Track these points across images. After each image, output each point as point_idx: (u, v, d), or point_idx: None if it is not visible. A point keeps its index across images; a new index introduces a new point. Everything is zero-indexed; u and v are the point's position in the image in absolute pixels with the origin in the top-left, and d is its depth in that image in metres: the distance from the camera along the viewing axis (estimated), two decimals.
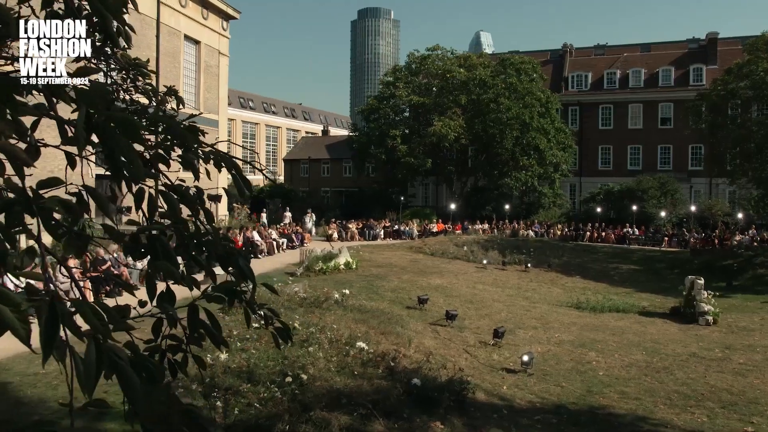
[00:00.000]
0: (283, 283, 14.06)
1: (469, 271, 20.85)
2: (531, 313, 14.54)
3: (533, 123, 35.93)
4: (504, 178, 36.90)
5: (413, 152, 36.30)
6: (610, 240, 30.95)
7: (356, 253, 22.45)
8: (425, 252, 24.50)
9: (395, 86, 39.50)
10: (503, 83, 36.53)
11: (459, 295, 15.78)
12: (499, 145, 36.17)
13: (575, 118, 44.08)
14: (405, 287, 16.06)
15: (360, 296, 13.96)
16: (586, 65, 45.86)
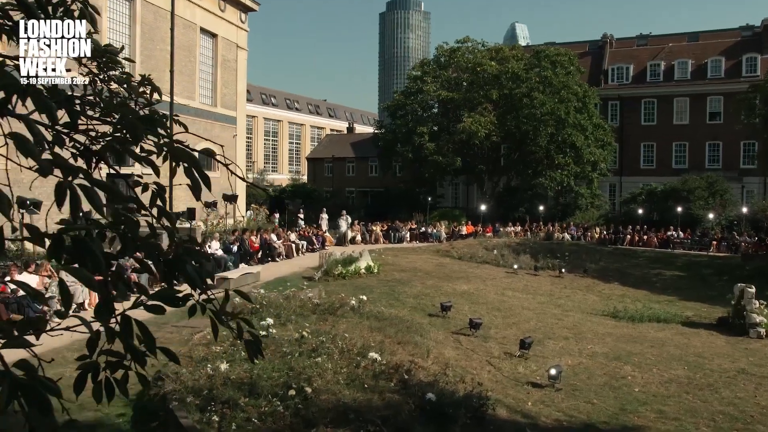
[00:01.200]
0: (298, 288, 13.95)
1: (498, 276, 20.54)
2: (563, 322, 14.13)
3: (569, 119, 35.33)
4: (538, 177, 36.45)
5: (441, 150, 36.09)
6: (652, 244, 30.24)
7: (379, 256, 22.36)
8: (452, 256, 24.32)
9: (423, 81, 39.40)
10: (537, 77, 36.07)
11: (486, 302, 15.51)
12: (533, 142, 35.71)
13: (615, 114, 43.08)
14: (428, 293, 15.89)
15: (380, 302, 13.93)
16: (628, 57, 44.75)
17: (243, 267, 18.79)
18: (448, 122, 38.88)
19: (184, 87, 24.76)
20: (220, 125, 27.77)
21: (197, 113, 25.73)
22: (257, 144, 63.47)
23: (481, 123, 34.67)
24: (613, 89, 43.32)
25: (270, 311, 10.76)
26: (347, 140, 55.72)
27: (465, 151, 38.15)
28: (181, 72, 24.31)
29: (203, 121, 26.52)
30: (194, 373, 7.17)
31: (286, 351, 8.58)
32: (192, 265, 2.19)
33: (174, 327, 11.09)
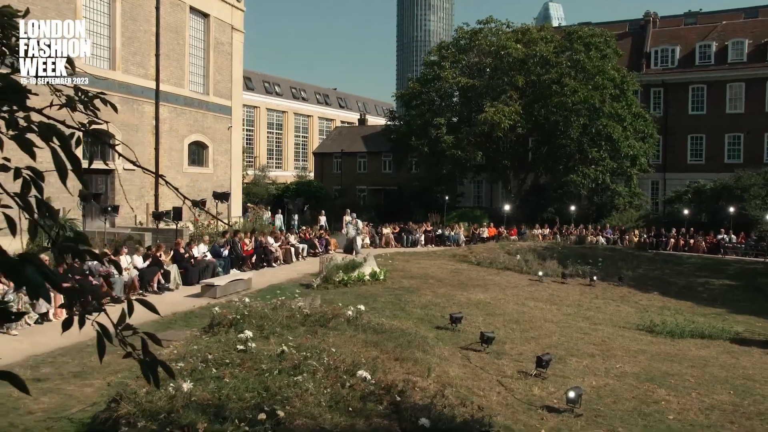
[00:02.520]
0: (292, 297, 13.78)
1: (520, 284, 20.38)
2: (590, 336, 13.78)
3: (605, 108, 34.94)
4: (569, 174, 36.10)
5: (460, 144, 35.89)
6: (699, 249, 29.78)
7: (386, 261, 22.40)
8: (470, 261, 24.26)
9: (440, 67, 39.19)
10: (569, 61, 35.73)
11: (503, 314, 15.27)
12: (564, 134, 35.39)
13: (658, 102, 42.36)
14: (439, 303, 15.77)
15: (382, 313, 13.84)
16: (674, 37, 43.90)
17: (234, 273, 18.78)
18: (468, 112, 38.68)
19: (171, 73, 24.83)
20: (212, 116, 27.77)
21: (187, 102, 25.75)
22: (259, 137, 63.62)
23: (504, 113, 34.33)
24: (656, 74, 42.56)
25: (252, 322, 10.54)
26: (358, 133, 55.62)
27: (487, 144, 37.84)
28: (168, 56, 24.31)
29: (194, 111, 26.53)
30: (153, 393, 6.93)
31: (265, 368, 8.33)
32: (37, 269, 1.90)
33: None
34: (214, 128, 27.95)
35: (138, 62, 22.37)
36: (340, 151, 51.80)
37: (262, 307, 11.61)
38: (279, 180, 56.62)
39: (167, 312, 13.44)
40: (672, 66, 42.62)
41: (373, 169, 51.58)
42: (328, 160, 54.34)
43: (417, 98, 40.17)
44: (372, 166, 51.85)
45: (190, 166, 26.78)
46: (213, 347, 9.14)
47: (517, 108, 35.20)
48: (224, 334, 9.98)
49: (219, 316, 10.90)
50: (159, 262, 16.11)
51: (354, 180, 51.36)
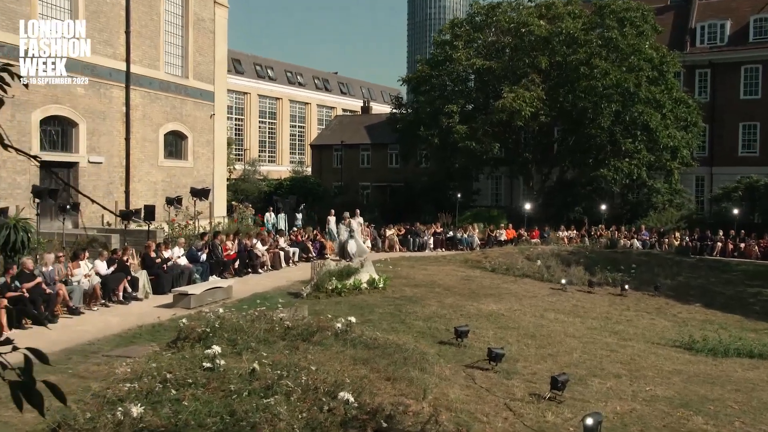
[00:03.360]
0: (275, 307, 13.66)
1: (540, 293, 20.28)
2: (617, 354, 13.56)
3: (641, 92, 34.75)
4: (599, 168, 35.97)
5: (475, 134, 35.82)
6: (751, 254, 29.56)
7: (387, 267, 22.48)
8: (484, 267, 24.31)
9: (453, 47, 39.12)
10: (600, 39, 35.59)
11: (517, 327, 15.12)
12: (593, 123, 35.22)
13: (704, 85, 41.98)
14: (444, 314, 15.65)
15: (379, 325, 13.76)
16: (723, 10, 43.42)
17: (213, 280, 18.70)
18: (484, 99, 38.62)
19: (144, 53, 24.84)
20: (192, 102, 27.75)
21: (162, 86, 25.74)
22: (249, 127, 63.68)
23: (525, 99, 34.17)
24: (702, 53, 42.14)
25: (223, 336, 10.42)
26: (362, 123, 55.66)
27: (506, 135, 37.74)
28: (140, 34, 24.28)
29: (171, 97, 26.50)
30: (97, 419, 6.78)
31: (233, 389, 8.21)
32: None
33: (105, 357, 10.90)
34: (195, 116, 27.88)
35: (105, 40, 22.32)
36: (341, 143, 51.80)
37: (237, 319, 11.50)
38: (272, 175, 56.69)
39: (132, 325, 13.36)
40: (721, 43, 42.11)
41: (377, 163, 51.60)
42: (327, 153, 54.37)
43: (426, 83, 40.10)
44: (376, 159, 51.84)
45: (167, 159, 26.76)
46: (175, 365, 9.03)
47: (539, 93, 35.00)
48: (189, 350, 9.85)
49: (186, 329, 10.79)
50: (125, 268, 16.00)
51: (356, 175, 51.42)
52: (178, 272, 17.81)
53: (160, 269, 17.37)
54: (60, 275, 13.60)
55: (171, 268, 17.77)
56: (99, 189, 22.59)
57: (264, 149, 66.39)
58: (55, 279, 13.35)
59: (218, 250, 20.23)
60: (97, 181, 22.75)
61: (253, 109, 64.20)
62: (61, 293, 13.24)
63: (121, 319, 13.84)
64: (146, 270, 16.90)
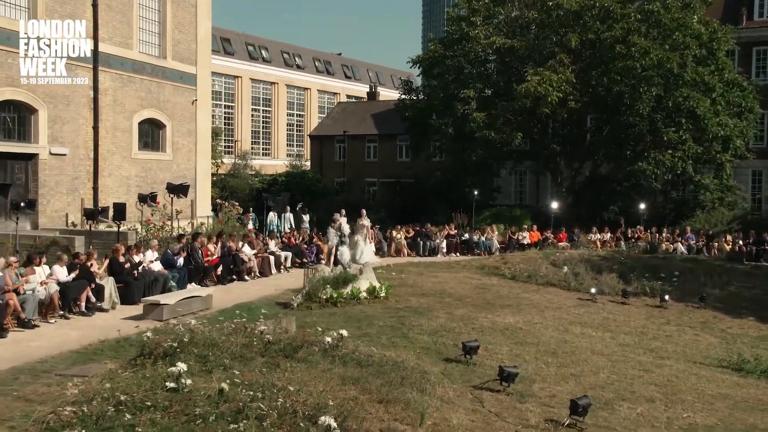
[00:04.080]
0: (258, 319, 13.54)
1: (565, 304, 20.25)
2: (651, 375, 13.46)
3: (686, 74, 34.54)
4: (638, 161, 35.82)
5: (495, 123, 35.68)
6: None
7: (389, 273, 22.54)
8: (502, 274, 24.29)
9: (470, 23, 39.01)
10: (639, 13, 35.40)
11: (537, 342, 15.05)
12: (631, 110, 35.08)
13: (762, 66, 41.70)
14: (454, 328, 15.61)
15: (377, 340, 13.76)
16: None
17: (192, 288, 18.68)
18: (505, 82, 38.49)
19: (115, 30, 24.86)
20: (172, 86, 27.81)
21: (136, 68, 25.78)
22: (241, 116, 63.83)
23: (553, 83, 33.93)
24: (760, 28, 41.81)
25: (193, 352, 10.27)
26: (367, 110, 55.78)
27: (531, 124, 37.68)
28: (110, 8, 24.33)
29: (146, 80, 26.53)
30: None
31: (199, 412, 8.06)
32: None
33: (58, 376, 10.83)
34: (174, 102, 27.89)
35: (68, 13, 22.22)
36: (344, 134, 51.76)
37: (210, 332, 11.37)
38: (267, 170, 56.79)
39: (94, 339, 13.28)
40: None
41: (385, 156, 51.61)
42: (328, 144, 54.43)
43: (439, 65, 39.99)
44: (384, 152, 51.85)
45: (142, 151, 26.74)
46: (134, 385, 8.87)
47: (568, 76, 34.77)
48: (151, 368, 9.72)
49: (150, 344, 10.65)
50: (89, 275, 15.92)
51: (361, 170, 51.56)
52: (150, 279, 17.73)
53: (129, 276, 17.29)
54: (11, 283, 13.51)
55: (143, 275, 17.70)
56: (62, 185, 22.59)
57: (257, 141, 66.51)
58: (5, 287, 13.27)
59: (198, 254, 20.19)
60: (60, 176, 22.71)
61: (245, 96, 64.32)
62: (11, 303, 13.14)
63: (82, 333, 13.76)
64: (113, 277, 16.81)
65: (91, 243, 19.12)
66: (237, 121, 63.59)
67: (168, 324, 12.91)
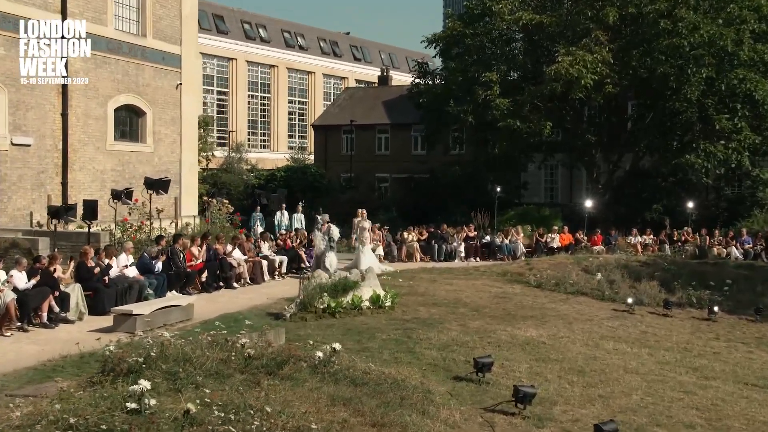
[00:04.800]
0: (244, 331, 13.57)
1: (597, 316, 20.13)
2: (693, 397, 13.29)
3: (743, 53, 34.35)
4: (685, 153, 35.70)
5: (521, 110, 35.61)
6: None
7: (396, 280, 22.64)
8: (527, 281, 24.36)
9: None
10: None
11: (561, 359, 14.99)
12: (677, 94, 34.94)
13: None
14: (467, 342, 15.65)
15: (378, 355, 13.86)
16: None
17: (172, 296, 18.72)
18: (533, 64, 38.59)
19: (87, 3, 24.88)
20: (152, 68, 27.89)
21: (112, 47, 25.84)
22: (236, 103, 64.10)
23: (587, 64, 33.80)
24: None
25: (161, 368, 10.24)
26: (378, 97, 56.04)
27: (562, 111, 37.61)
28: None
29: (123, 61, 26.58)
30: None
31: None
32: None
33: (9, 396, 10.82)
34: (155, 86, 27.93)
35: None
36: (351, 123, 51.71)
37: (183, 346, 11.33)
38: (265, 165, 56.97)
39: (54, 354, 13.30)
40: None
41: (398, 148, 51.75)
42: (334, 135, 54.62)
43: (458, 44, 40.08)
44: (397, 144, 51.97)
45: (119, 142, 26.79)
46: (90, 406, 8.84)
47: (606, 56, 34.68)
48: (110, 386, 9.70)
49: (113, 360, 10.62)
50: (52, 281, 15.87)
51: (371, 164, 51.69)
52: (124, 287, 17.68)
53: (99, 282, 17.26)
54: None
55: (115, 282, 17.67)
56: (26, 179, 22.58)
57: (254, 131, 66.74)
58: None
59: (179, 258, 20.19)
60: (24, 170, 22.69)
61: (241, 80, 64.55)
62: None
63: (41, 348, 13.75)
64: (81, 283, 16.76)
65: (56, 245, 19.10)
66: (231, 109, 63.84)
67: (131, 336, 12.89)
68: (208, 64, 61.01)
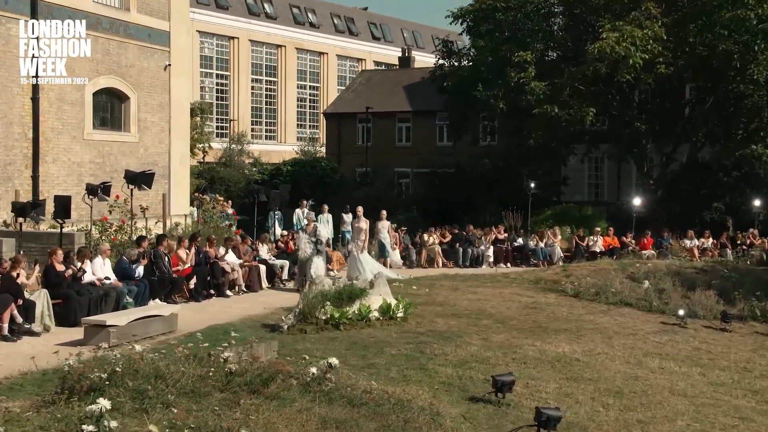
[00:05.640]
0: (234, 344, 13.54)
1: (642, 330, 19.88)
2: (751, 425, 13.11)
3: None
4: (751, 143, 35.83)
5: (559, 94, 35.50)
6: None
7: (413, 287, 22.66)
8: (563, 290, 24.29)
9: None
10: None
11: (597, 378, 14.83)
12: (742, 75, 34.75)
13: None
14: (488, 358, 15.59)
15: (385, 373, 13.83)
16: None
17: (154, 305, 18.71)
18: (574, 42, 38.43)
19: None
20: (137, 46, 28.01)
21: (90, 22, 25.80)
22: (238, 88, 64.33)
23: (636, 41, 33.59)
24: None
25: (127, 385, 10.20)
26: (399, 81, 56.18)
27: (608, 96, 37.35)
28: None
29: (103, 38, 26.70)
30: None
31: None
32: None
33: None
34: (140, 67, 28.03)
35: None
36: (367, 111, 51.63)
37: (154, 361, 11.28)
38: (272, 158, 57.07)
39: (13, 371, 13.30)
40: None
41: (421, 139, 51.81)
42: (348, 125, 54.69)
43: (488, 19, 40.00)
44: (420, 134, 52.03)
45: (99, 130, 26.90)
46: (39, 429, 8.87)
47: (658, 32, 34.40)
48: (65, 406, 9.68)
49: (72, 376, 10.57)
50: (15, 287, 15.89)
51: (390, 157, 51.84)
52: (99, 294, 17.69)
53: (70, 289, 17.25)
54: None
55: (88, 289, 17.66)
56: None
57: (258, 120, 66.94)
58: None
59: (163, 261, 20.19)
60: None
61: (243, 62, 64.79)
62: None
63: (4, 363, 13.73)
64: (49, 290, 16.76)
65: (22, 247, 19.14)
66: (232, 94, 64.10)
67: (93, 350, 12.83)
68: (206, 44, 61.31)
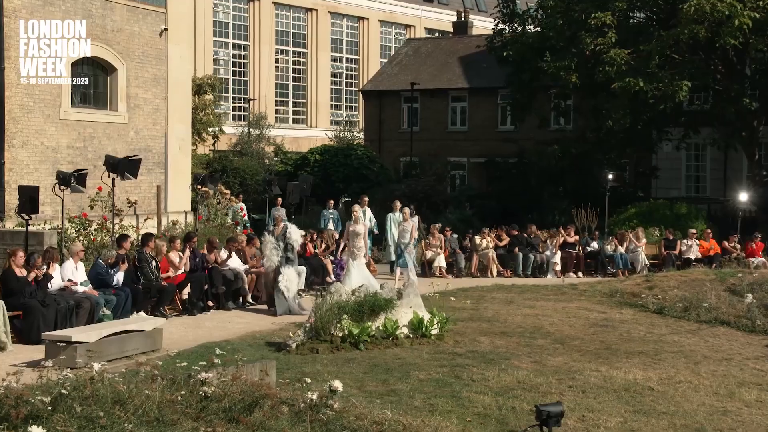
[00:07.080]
0: (223, 365, 13.58)
1: (740, 354, 19.59)
2: None
3: None
4: None
5: (646, 65, 35.24)
6: None
7: (458, 299, 23.04)
8: (643, 305, 24.24)
9: None
10: None
11: (674, 412, 14.60)
12: None
13: None
14: (538, 385, 15.51)
15: (409, 401, 13.85)
16: None
17: (138, 318, 18.82)
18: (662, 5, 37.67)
19: None
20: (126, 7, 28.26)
21: None
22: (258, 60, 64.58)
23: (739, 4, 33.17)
24: None
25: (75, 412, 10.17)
26: (453, 52, 56.18)
27: (709, 67, 36.88)
28: None
29: None
30: None
31: None
32: None
33: None
34: (130, 32, 28.27)
35: None
36: (413, 88, 51.47)
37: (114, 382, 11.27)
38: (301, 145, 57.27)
39: None
40: None
41: (479, 122, 51.70)
42: (391, 104, 54.77)
43: None
44: (478, 116, 51.87)
45: (79, 108, 27.26)
46: None
47: None
48: None
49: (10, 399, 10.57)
50: None
51: (441, 144, 51.81)
52: (69, 305, 17.79)
53: (33, 299, 17.31)
54: None
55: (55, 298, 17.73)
56: None
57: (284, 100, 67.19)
58: None
59: (150, 266, 20.28)
60: None
61: (265, 30, 65.15)
62: None
63: None
64: (6, 300, 16.85)
65: None
66: (252, 68, 64.46)
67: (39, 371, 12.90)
68: (221, 7, 61.80)
